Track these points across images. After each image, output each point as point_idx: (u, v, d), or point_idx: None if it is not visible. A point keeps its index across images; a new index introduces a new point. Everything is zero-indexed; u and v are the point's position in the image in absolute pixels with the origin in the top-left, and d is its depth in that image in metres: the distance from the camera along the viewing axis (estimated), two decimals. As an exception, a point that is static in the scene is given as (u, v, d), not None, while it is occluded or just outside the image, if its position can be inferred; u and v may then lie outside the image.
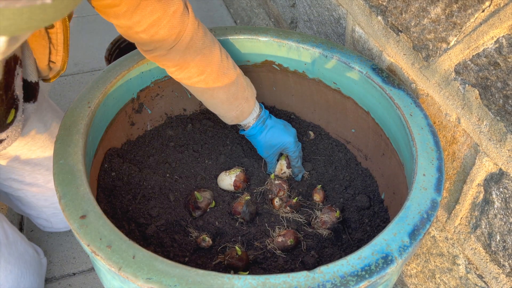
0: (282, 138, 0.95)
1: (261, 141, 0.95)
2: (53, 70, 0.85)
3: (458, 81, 0.74)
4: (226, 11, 2.18)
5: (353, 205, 0.92)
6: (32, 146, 0.94)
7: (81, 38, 1.98)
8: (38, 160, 0.96)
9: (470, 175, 0.77)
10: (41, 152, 0.96)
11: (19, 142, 0.91)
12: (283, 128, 0.96)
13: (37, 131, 0.93)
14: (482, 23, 0.65)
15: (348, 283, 0.55)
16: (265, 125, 0.95)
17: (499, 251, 0.74)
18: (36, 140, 0.94)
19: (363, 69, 0.86)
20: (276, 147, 0.96)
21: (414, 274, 1.02)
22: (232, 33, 0.96)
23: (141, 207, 0.88)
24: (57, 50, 0.80)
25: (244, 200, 0.90)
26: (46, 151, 0.97)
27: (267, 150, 0.97)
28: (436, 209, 0.64)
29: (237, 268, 0.79)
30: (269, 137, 0.95)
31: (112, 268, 0.56)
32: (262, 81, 1.06)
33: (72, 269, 1.17)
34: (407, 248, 0.59)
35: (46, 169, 0.99)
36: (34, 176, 0.99)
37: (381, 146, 0.91)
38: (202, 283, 0.54)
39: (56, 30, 0.76)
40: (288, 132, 0.96)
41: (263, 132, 0.95)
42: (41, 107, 0.95)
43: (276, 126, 0.96)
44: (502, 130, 0.67)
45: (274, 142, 0.95)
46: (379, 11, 0.88)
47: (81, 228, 0.60)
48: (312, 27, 1.24)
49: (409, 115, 0.77)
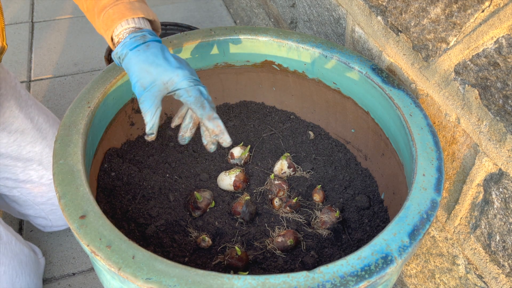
0: (165, 66, 0.68)
1: (134, 66, 0.68)
2: None
3: (458, 81, 0.74)
4: (226, 11, 2.18)
5: (353, 205, 0.92)
6: (21, 142, 0.96)
7: (81, 38, 1.98)
8: (29, 155, 0.98)
9: (470, 175, 0.77)
10: (31, 147, 0.98)
11: (8, 139, 0.93)
12: (170, 56, 0.70)
13: (25, 127, 0.96)
14: (482, 23, 0.65)
15: (347, 283, 0.55)
16: (146, 44, 0.69)
17: (498, 251, 0.74)
18: (25, 135, 0.96)
19: (363, 69, 0.86)
20: (157, 80, 0.67)
21: (414, 274, 1.02)
22: (232, 33, 0.96)
23: (141, 207, 0.88)
24: None
25: (244, 200, 0.90)
26: (36, 146, 0.99)
27: (142, 81, 0.68)
28: (435, 209, 0.64)
29: (237, 268, 0.79)
30: (148, 60, 0.68)
31: (111, 268, 0.56)
32: (262, 81, 1.06)
33: (71, 269, 1.17)
34: (406, 248, 0.59)
35: (38, 164, 1.01)
36: (27, 172, 1.00)
37: (380, 146, 0.91)
38: (202, 283, 0.54)
39: None
40: (179, 63, 0.70)
41: (140, 52, 0.68)
42: (26, 104, 0.98)
43: (163, 49, 0.70)
44: (502, 130, 0.67)
45: (153, 69, 0.68)
46: (379, 11, 0.88)
47: (81, 228, 0.60)
48: (312, 27, 1.24)
49: (409, 115, 0.77)
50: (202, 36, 0.95)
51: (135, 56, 0.68)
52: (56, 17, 2.10)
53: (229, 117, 1.09)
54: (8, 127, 0.95)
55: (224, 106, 1.10)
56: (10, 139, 0.94)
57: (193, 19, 2.10)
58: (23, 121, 0.96)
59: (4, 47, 0.85)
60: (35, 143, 0.99)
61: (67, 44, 1.95)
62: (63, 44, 1.95)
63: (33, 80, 1.76)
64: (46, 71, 1.80)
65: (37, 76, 1.78)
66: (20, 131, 0.95)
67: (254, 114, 1.10)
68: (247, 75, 1.05)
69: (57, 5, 2.18)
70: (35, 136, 0.99)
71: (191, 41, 0.94)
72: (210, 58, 0.99)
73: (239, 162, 1.01)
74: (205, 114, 0.69)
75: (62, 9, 2.17)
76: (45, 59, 1.86)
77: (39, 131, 1.00)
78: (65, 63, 1.84)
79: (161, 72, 0.68)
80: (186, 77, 0.68)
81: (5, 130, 0.94)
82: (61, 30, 2.03)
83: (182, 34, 0.95)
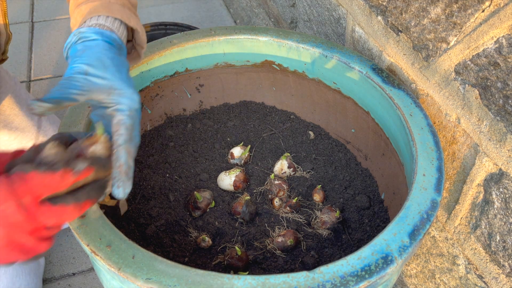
0: (110, 72, 0.55)
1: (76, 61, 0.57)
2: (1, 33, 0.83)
3: (458, 81, 0.73)
4: (226, 11, 2.18)
5: (353, 205, 0.92)
6: (22, 139, 0.96)
7: (81, 38, 1.98)
8: None
9: (470, 175, 0.77)
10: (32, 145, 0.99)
11: (9, 137, 0.93)
12: (120, 64, 0.58)
13: (25, 125, 0.96)
14: (482, 23, 0.65)
15: (348, 283, 0.55)
16: (95, 41, 0.58)
17: (499, 251, 0.74)
18: (26, 133, 0.96)
19: (363, 69, 0.86)
20: (95, 86, 0.54)
21: (414, 274, 1.02)
22: (232, 33, 0.96)
23: (141, 207, 0.88)
24: None
25: (244, 200, 0.90)
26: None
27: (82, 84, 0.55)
28: (436, 209, 0.64)
29: (237, 268, 0.79)
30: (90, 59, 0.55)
31: (111, 268, 0.56)
32: (262, 81, 1.06)
33: (71, 269, 1.17)
34: (407, 248, 0.59)
35: None
36: None
37: (381, 146, 0.91)
38: (201, 283, 0.54)
39: None
40: (122, 78, 0.57)
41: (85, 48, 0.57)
42: (26, 102, 0.98)
43: (112, 53, 0.58)
44: (502, 130, 0.67)
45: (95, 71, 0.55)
46: (379, 11, 0.88)
47: (81, 228, 0.60)
48: (312, 27, 1.24)
49: (409, 115, 0.77)
50: (202, 36, 0.95)
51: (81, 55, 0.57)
52: (56, 17, 2.10)
53: (229, 117, 1.09)
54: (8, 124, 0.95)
55: (224, 106, 1.10)
56: (11, 136, 0.94)
57: (193, 19, 2.10)
58: (24, 118, 0.96)
59: (9, 36, 0.83)
60: (36, 140, 0.99)
61: (67, 44, 1.95)
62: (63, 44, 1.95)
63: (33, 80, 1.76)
64: (46, 71, 1.80)
65: (37, 76, 1.78)
66: (20, 129, 0.96)
67: (254, 114, 1.10)
68: (247, 75, 1.05)
69: (57, 5, 2.18)
70: (36, 134, 0.99)
71: (191, 41, 0.94)
72: (210, 58, 0.99)
73: (239, 162, 1.01)
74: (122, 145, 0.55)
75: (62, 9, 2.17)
76: (45, 59, 1.86)
77: (40, 129, 1.00)
78: (65, 63, 1.84)
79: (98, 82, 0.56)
80: (127, 95, 0.57)
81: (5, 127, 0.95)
82: (61, 30, 2.03)
83: (182, 34, 0.95)
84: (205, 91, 1.07)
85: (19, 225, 0.42)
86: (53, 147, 0.47)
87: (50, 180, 0.45)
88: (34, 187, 0.44)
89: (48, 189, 0.45)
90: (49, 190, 0.45)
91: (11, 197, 0.42)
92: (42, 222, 0.44)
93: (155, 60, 0.91)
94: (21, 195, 0.43)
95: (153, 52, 0.90)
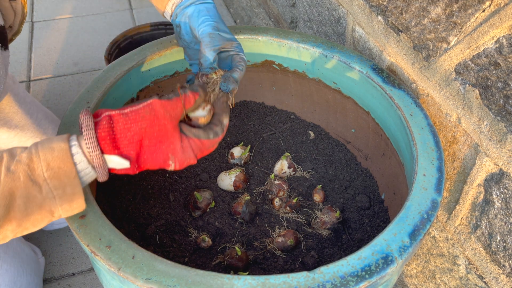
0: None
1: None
2: (16, 15, 0.85)
3: (459, 81, 0.73)
4: (226, 11, 2.18)
5: (353, 205, 0.92)
6: (22, 137, 0.96)
7: (81, 38, 1.98)
8: None
9: (471, 175, 0.76)
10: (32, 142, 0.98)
11: (9, 135, 0.93)
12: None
13: (25, 123, 0.96)
14: (483, 23, 0.65)
15: (348, 284, 0.55)
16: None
17: (499, 252, 0.74)
18: (25, 131, 0.96)
19: (363, 69, 0.86)
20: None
21: (414, 274, 1.02)
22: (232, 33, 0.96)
23: (141, 207, 0.88)
24: None
25: (244, 200, 0.90)
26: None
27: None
28: (436, 209, 0.64)
29: (237, 268, 0.79)
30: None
31: (111, 268, 0.56)
32: (262, 81, 1.06)
33: (71, 269, 1.17)
34: (407, 249, 0.59)
35: None
36: None
37: (381, 146, 0.91)
38: (201, 283, 0.54)
39: None
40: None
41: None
42: (25, 101, 0.98)
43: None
44: (503, 130, 0.67)
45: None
46: (379, 11, 0.88)
47: (81, 228, 0.60)
48: (312, 26, 1.24)
49: (409, 115, 0.77)
50: (202, 36, 0.95)
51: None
52: (56, 17, 2.10)
53: (229, 117, 1.09)
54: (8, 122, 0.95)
55: (224, 106, 1.10)
56: (11, 134, 0.94)
57: (193, 19, 2.10)
58: (23, 116, 0.97)
59: (24, 16, 0.87)
60: (35, 138, 0.99)
61: (67, 44, 1.95)
62: (63, 44, 1.94)
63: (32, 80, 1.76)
64: (46, 71, 1.80)
65: (37, 76, 1.78)
66: (20, 127, 0.96)
67: (254, 114, 1.10)
68: (247, 75, 1.05)
69: (57, 5, 2.18)
70: (35, 132, 0.99)
71: (191, 40, 0.94)
72: (210, 58, 0.99)
73: (239, 162, 1.01)
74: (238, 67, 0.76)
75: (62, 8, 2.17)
76: (45, 58, 1.86)
77: (39, 127, 1.00)
78: (65, 63, 1.84)
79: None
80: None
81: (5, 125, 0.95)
82: (61, 29, 2.03)
83: (182, 34, 0.95)
84: (205, 91, 1.07)
85: (190, 163, 0.62)
86: (205, 118, 0.64)
87: (216, 142, 0.63)
88: (205, 148, 0.63)
89: (213, 147, 0.64)
90: (212, 147, 0.64)
91: (193, 157, 0.62)
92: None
93: (155, 60, 0.91)
94: (197, 153, 0.62)
95: (153, 52, 0.90)
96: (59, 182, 0.53)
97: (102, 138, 0.55)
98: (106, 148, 0.56)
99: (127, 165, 0.57)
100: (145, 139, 0.57)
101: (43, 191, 0.53)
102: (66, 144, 0.55)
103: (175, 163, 0.61)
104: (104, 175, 0.57)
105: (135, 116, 0.57)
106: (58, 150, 0.54)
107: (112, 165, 0.57)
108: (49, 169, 0.53)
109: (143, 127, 0.57)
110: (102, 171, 0.57)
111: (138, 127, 0.57)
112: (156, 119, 0.57)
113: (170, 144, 0.59)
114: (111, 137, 0.56)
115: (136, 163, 0.59)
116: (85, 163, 0.55)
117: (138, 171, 0.60)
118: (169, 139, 0.59)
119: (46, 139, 0.56)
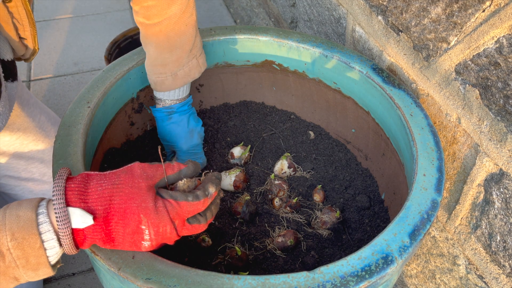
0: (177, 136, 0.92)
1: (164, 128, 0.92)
2: (28, 48, 0.86)
3: (459, 81, 0.73)
4: (226, 11, 2.18)
5: (353, 205, 0.92)
6: (24, 140, 0.96)
7: (81, 38, 1.98)
8: (31, 153, 0.99)
9: (471, 175, 0.76)
10: (34, 145, 0.98)
11: (11, 137, 0.93)
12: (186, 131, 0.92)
13: (27, 126, 0.96)
14: (483, 23, 0.65)
15: (348, 284, 0.55)
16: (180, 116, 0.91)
17: (499, 252, 0.74)
18: (28, 133, 0.96)
19: (363, 69, 0.86)
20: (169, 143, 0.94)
21: (414, 274, 1.02)
22: (232, 33, 0.96)
23: (141, 207, 0.88)
24: (22, 25, 0.80)
25: (244, 200, 0.90)
26: (38, 144, 0.99)
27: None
28: (436, 209, 0.64)
29: (237, 268, 0.79)
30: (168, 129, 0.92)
31: (111, 268, 0.56)
32: (262, 81, 1.06)
33: (71, 269, 1.17)
34: (407, 249, 0.59)
35: (40, 162, 1.01)
36: (29, 170, 1.00)
37: (381, 146, 0.91)
38: (201, 283, 0.54)
39: (16, 3, 0.76)
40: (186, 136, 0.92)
41: (165, 121, 0.91)
42: (28, 103, 0.98)
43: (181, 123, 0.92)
44: (503, 130, 0.67)
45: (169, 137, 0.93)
46: (380, 11, 0.88)
47: (81, 228, 0.60)
48: (312, 26, 1.24)
49: (409, 115, 0.77)
50: (202, 36, 0.95)
51: (165, 124, 0.92)
52: (56, 17, 2.10)
53: (229, 117, 1.09)
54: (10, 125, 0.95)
55: (224, 106, 1.10)
56: (13, 137, 0.94)
57: (193, 19, 2.10)
58: (25, 119, 0.96)
59: (35, 50, 0.89)
60: (37, 141, 0.99)
61: (67, 43, 1.95)
62: (63, 44, 1.95)
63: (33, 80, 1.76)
64: (46, 70, 1.80)
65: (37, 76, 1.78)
66: (22, 130, 0.96)
67: (254, 114, 1.10)
68: (247, 75, 1.05)
69: (57, 5, 2.18)
70: (38, 135, 0.99)
71: (191, 40, 0.94)
72: (210, 58, 0.99)
73: (239, 162, 1.01)
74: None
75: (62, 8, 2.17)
76: (45, 58, 1.86)
77: (42, 130, 1.00)
78: (65, 62, 1.84)
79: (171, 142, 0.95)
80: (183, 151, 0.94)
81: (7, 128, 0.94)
82: (61, 29, 2.03)
83: (182, 34, 0.95)
84: (205, 91, 1.07)
85: (170, 238, 0.59)
86: (185, 182, 0.61)
87: (195, 206, 0.59)
88: (183, 213, 0.58)
89: (192, 213, 0.59)
90: (192, 214, 0.59)
91: (169, 223, 0.57)
92: (182, 235, 0.60)
93: (155, 60, 0.91)
94: (174, 219, 0.57)
95: (153, 52, 0.90)
96: (22, 253, 0.52)
97: (70, 189, 0.54)
98: (72, 199, 0.53)
99: (90, 221, 0.53)
100: (115, 196, 0.55)
101: (6, 260, 0.52)
102: (33, 213, 0.53)
103: (148, 228, 0.55)
104: (70, 246, 0.54)
105: (111, 175, 0.57)
106: (24, 220, 0.52)
107: (75, 221, 0.53)
108: (13, 239, 0.52)
109: (115, 184, 0.55)
110: (67, 240, 0.53)
111: (110, 183, 0.55)
112: (131, 177, 0.57)
113: (142, 203, 0.55)
114: (80, 190, 0.54)
115: (104, 223, 0.54)
116: (51, 233, 0.53)
117: (107, 238, 0.56)
118: (140, 197, 0.56)
119: (16, 203, 0.54)
